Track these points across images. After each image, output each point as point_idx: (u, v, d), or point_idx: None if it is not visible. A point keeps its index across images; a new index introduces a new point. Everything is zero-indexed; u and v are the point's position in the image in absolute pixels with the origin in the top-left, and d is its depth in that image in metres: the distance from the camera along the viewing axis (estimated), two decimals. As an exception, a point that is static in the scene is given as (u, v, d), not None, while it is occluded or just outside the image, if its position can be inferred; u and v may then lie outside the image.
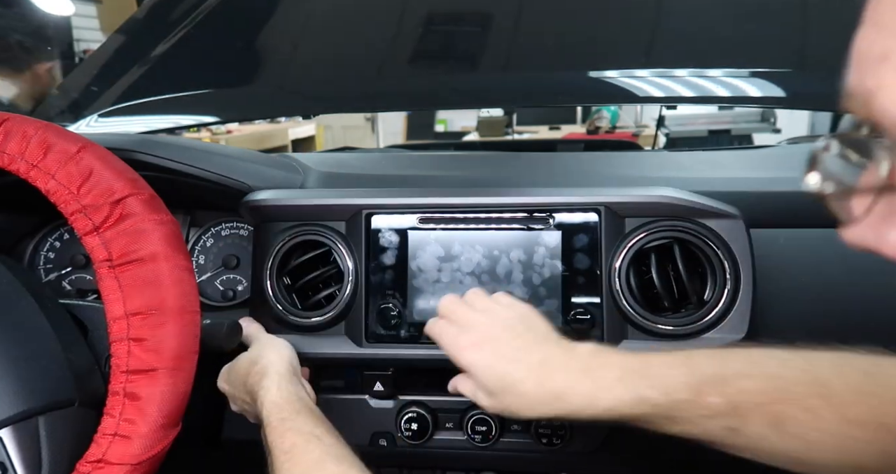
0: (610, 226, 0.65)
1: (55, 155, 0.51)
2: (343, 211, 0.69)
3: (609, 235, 0.65)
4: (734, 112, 2.71)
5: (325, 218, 0.70)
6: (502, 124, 3.61)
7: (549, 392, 0.48)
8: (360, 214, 0.68)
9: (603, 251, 0.65)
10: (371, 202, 0.68)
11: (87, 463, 0.46)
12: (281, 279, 0.70)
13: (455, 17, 1.10)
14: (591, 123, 3.75)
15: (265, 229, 0.71)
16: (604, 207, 0.65)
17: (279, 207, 0.70)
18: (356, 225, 0.68)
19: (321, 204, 0.69)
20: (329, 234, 0.69)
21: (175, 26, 1.07)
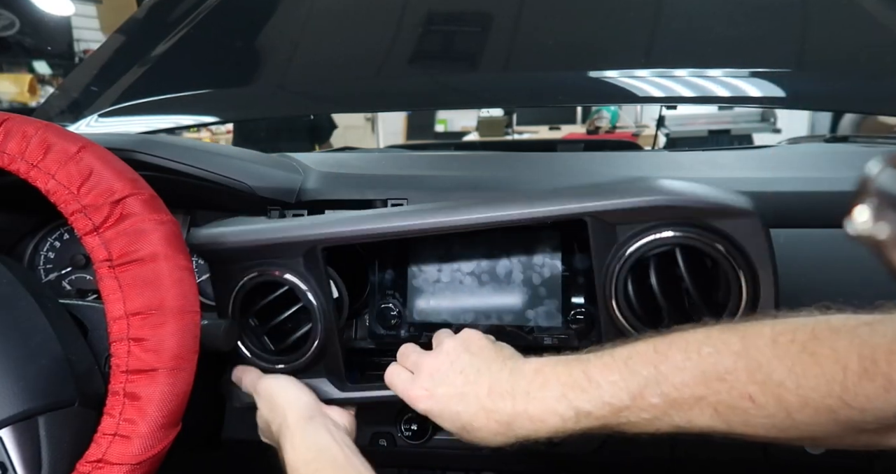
0: (599, 237, 0.58)
1: (55, 155, 0.51)
2: (296, 246, 0.62)
3: (599, 247, 0.58)
4: (734, 112, 2.71)
5: (279, 254, 0.62)
6: (502, 124, 3.62)
7: (499, 422, 0.49)
8: (316, 250, 0.61)
9: (594, 264, 0.59)
10: (325, 234, 0.61)
11: (87, 463, 0.46)
12: (246, 322, 0.64)
13: (455, 17, 1.10)
14: (591, 123, 3.75)
15: (219, 270, 0.65)
16: (590, 217, 0.57)
17: (227, 249, 0.63)
18: (314, 260, 0.62)
19: (271, 241, 0.62)
20: (286, 274, 0.62)
21: (175, 26, 1.07)
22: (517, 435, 0.49)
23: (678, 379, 0.43)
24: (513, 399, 0.49)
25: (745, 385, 0.41)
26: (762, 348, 0.41)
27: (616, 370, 0.46)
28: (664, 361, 0.44)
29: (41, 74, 3.33)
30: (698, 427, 0.44)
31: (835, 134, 1.65)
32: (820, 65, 0.94)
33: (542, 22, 1.03)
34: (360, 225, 0.60)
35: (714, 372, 0.42)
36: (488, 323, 0.68)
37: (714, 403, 0.42)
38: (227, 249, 0.63)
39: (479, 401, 0.50)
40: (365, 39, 1.07)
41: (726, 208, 0.55)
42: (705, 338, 0.45)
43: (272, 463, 0.80)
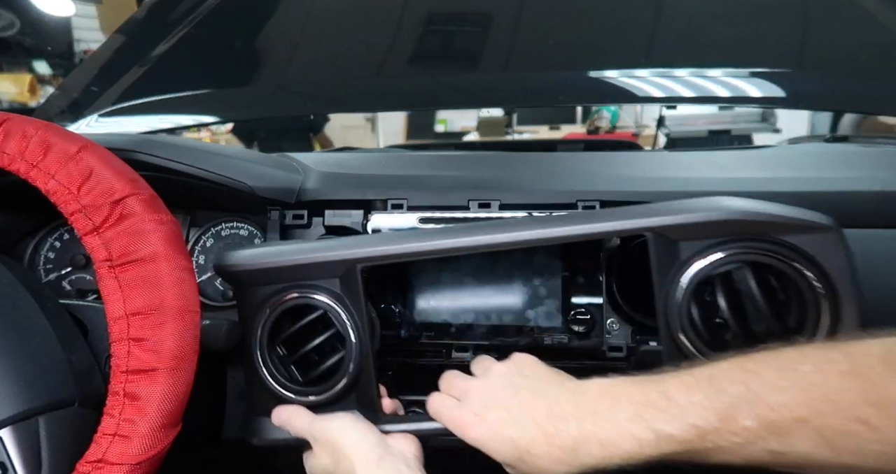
0: (661, 255, 0.53)
1: (55, 155, 0.51)
2: (333, 267, 0.58)
3: (661, 265, 0.53)
4: (734, 112, 2.71)
5: (313, 276, 0.59)
6: (502, 124, 3.62)
7: (562, 448, 0.44)
8: (355, 270, 0.57)
9: (655, 283, 0.53)
10: (366, 253, 0.58)
11: (87, 463, 0.46)
12: (274, 351, 0.60)
13: (455, 17, 1.10)
14: (591, 123, 3.75)
15: (247, 296, 0.62)
16: (651, 233, 0.53)
17: (258, 271, 0.60)
18: (352, 281, 0.58)
19: (306, 262, 0.59)
20: (322, 297, 0.59)
21: (175, 26, 1.07)
22: (584, 462, 0.44)
23: (774, 400, 0.39)
24: (577, 421, 0.44)
25: (857, 407, 0.37)
26: (874, 366, 0.37)
27: (699, 389, 0.41)
28: (755, 379, 0.40)
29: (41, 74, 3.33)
30: (799, 453, 0.39)
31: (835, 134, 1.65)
32: (820, 65, 0.94)
33: (542, 22, 1.03)
34: (406, 243, 0.57)
35: (818, 392, 0.38)
36: (488, 323, 0.68)
37: (818, 427, 0.38)
38: (261, 270, 0.59)
39: (537, 426, 0.45)
40: (365, 39, 1.07)
41: (803, 223, 0.51)
42: (800, 355, 0.40)
43: (272, 463, 0.80)
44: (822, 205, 0.67)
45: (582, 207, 0.70)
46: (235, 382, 0.78)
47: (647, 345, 0.68)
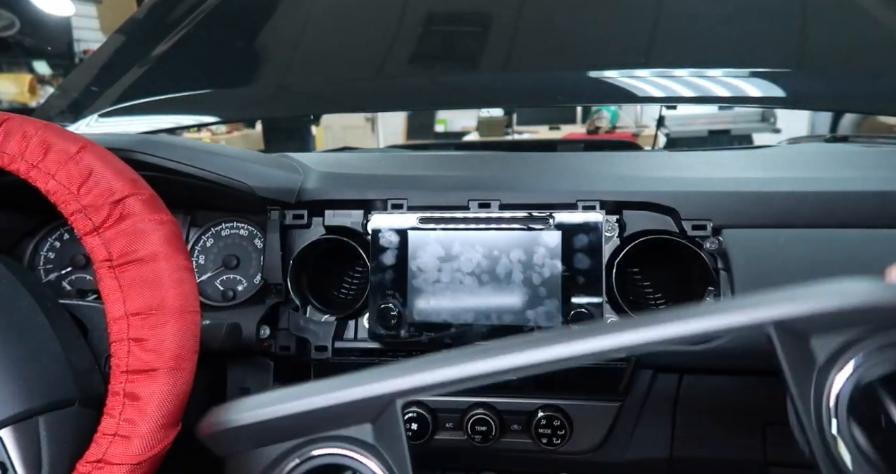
0: (793, 357, 0.42)
1: (55, 155, 0.51)
2: (364, 409, 0.44)
3: (796, 371, 0.42)
4: (734, 112, 2.71)
5: (334, 425, 0.45)
6: (502, 124, 3.61)
7: None
8: (394, 406, 0.44)
9: (794, 396, 0.42)
10: (408, 385, 0.43)
11: (87, 463, 0.46)
12: None
13: (455, 17, 1.10)
14: (591, 123, 3.75)
15: (245, 464, 0.46)
16: (776, 327, 0.42)
17: (257, 427, 0.44)
18: (390, 424, 0.44)
19: (326, 404, 0.43)
20: (351, 452, 0.44)
21: (175, 26, 1.07)
22: None
23: None
24: None
25: None
26: None
27: None
28: None
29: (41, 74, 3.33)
30: None
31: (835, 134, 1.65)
32: (820, 65, 0.94)
33: (542, 22, 1.03)
34: (460, 366, 0.43)
35: None
36: (488, 323, 0.68)
37: None
38: (261, 425, 0.44)
39: None
40: (365, 39, 1.07)
41: None
42: None
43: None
44: (822, 205, 0.68)
45: (582, 207, 0.70)
46: (235, 382, 0.78)
47: (647, 344, 0.68)
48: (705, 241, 0.69)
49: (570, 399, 0.71)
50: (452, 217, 0.69)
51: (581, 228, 0.68)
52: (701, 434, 0.73)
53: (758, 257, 0.66)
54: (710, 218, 0.69)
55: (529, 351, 0.43)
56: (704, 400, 0.71)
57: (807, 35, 0.94)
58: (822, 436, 0.40)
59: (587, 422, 0.72)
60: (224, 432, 0.44)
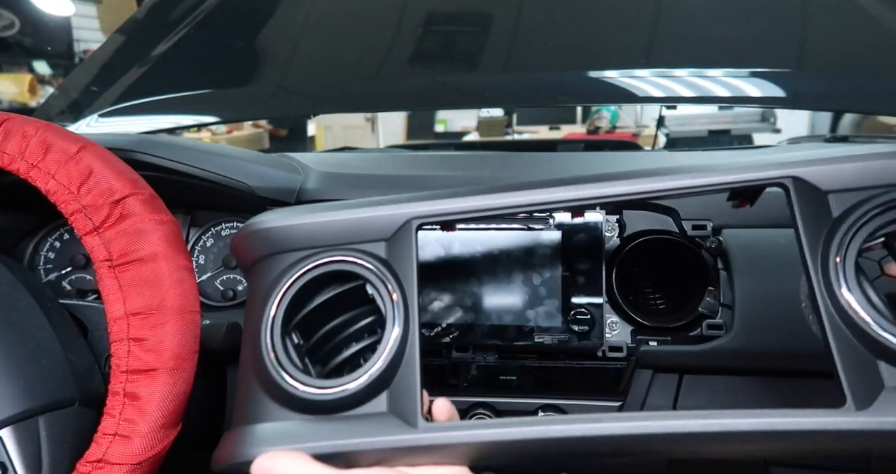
0: (808, 210, 0.44)
1: (55, 155, 0.51)
2: (382, 226, 0.47)
3: (809, 226, 0.43)
4: (734, 112, 2.71)
5: (354, 239, 0.48)
6: (502, 124, 3.61)
7: None
8: (410, 226, 0.47)
9: (805, 251, 0.43)
10: (424, 210, 0.47)
11: (87, 463, 0.46)
12: (287, 336, 0.46)
13: (455, 18, 1.10)
14: (591, 123, 3.75)
15: (266, 267, 0.49)
16: (791, 180, 0.44)
17: (287, 230, 0.48)
18: (403, 243, 0.47)
19: (350, 218, 0.48)
20: (364, 260, 0.47)
21: (175, 26, 1.07)
22: None
23: None
24: None
25: None
26: None
27: None
28: None
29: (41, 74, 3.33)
30: None
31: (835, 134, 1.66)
32: (820, 65, 0.94)
33: (542, 22, 1.03)
34: (475, 199, 0.47)
35: None
36: (488, 323, 0.68)
37: None
38: (291, 230, 0.48)
39: None
40: (365, 39, 1.07)
41: None
42: None
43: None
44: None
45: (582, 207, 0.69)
46: (235, 382, 0.78)
47: (647, 345, 0.68)
48: (705, 241, 0.69)
49: (570, 399, 0.71)
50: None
51: (581, 228, 0.68)
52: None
53: (758, 257, 0.66)
54: (709, 218, 0.69)
55: (549, 189, 0.47)
56: (704, 400, 0.71)
57: (807, 35, 0.94)
58: (831, 292, 0.41)
59: (587, 422, 0.72)
60: (252, 236, 0.49)
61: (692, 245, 0.70)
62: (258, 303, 0.47)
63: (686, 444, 0.41)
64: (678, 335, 0.69)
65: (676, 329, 0.69)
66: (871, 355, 0.40)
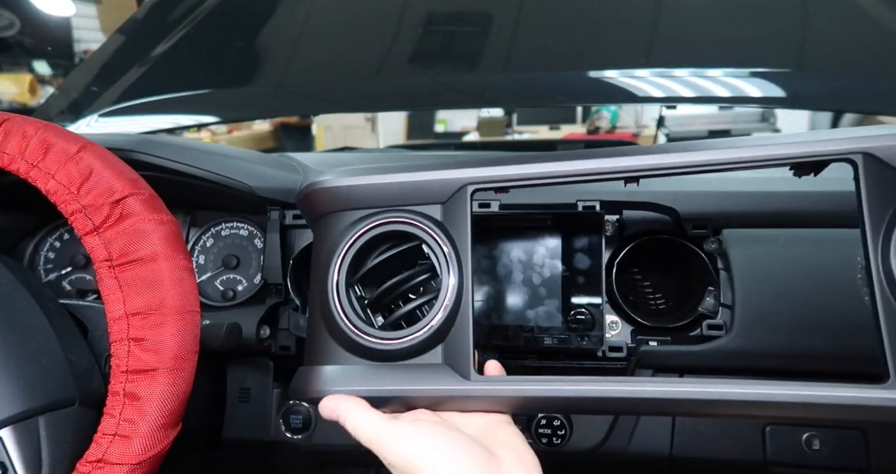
0: (876, 189, 0.43)
1: (55, 155, 0.51)
2: (438, 190, 0.50)
3: (875, 204, 0.42)
4: (734, 112, 2.71)
5: (411, 201, 0.51)
6: (502, 124, 3.61)
7: None
8: (465, 191, 0.50)
9: (869, 230, 0.42)
10: (480, 175, 0.49)
11: (87, 463, 0.46)
12: (351, 288, 0.52)
13: (455, 17, 1.10)
14: (591, 123, 3.75)
15: (331, 222, 0.53)
16: (862, 156, 0.43)
17: (349, 190, 0.52)
18: (458, 206, 0.50)
19: (408, 181, 0.51)
20: (421, 223, 0.50)
21: (175, 26, 1.07)
22: None
23: None
24: None
25: None
26: None
27: None
28: None
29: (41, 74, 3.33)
30: None
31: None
32: (820, 65, 0.94)
33: (542, 22, 1.03)
34: (532, 165, 0.48)
35: None
36: (488, 323, 0.68)
37: None
38: (353, 190, 0.51)
39: None
40: (365, 40, 1.07)
41: None
42: None
43: (272, 463, 0.80)
44: (823, 205, 0.68)
45: (582, 207, 0.70)
46: (235, 382, 0.78)
47: (647, 345, 0.68)
48: (705, 241, 0.69)
49: (570, 399, 0.71)
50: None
51: (581, 228, 0.68)
52: (701, 434, 0.73)
53: (758, 257, 0.66)
54: (709, 218, 0.69)
55: (604, 159, 0.47)
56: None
57: (807, 35, 0.94)
58: (888, 268, 0.41)
59: (587, 422, 0.73)
60: (319, 193, 0.52)
61: (692, 245, 0.70)
62: (324, 256, 0.52)
63: (733, 408, 0.44)
64: (678, 335, 0.69)
65: (676, 329, 0.69)
66: None
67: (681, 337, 0.69)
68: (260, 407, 0.77)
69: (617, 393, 0.45)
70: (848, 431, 0.69)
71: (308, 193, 0.53)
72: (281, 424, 0.77)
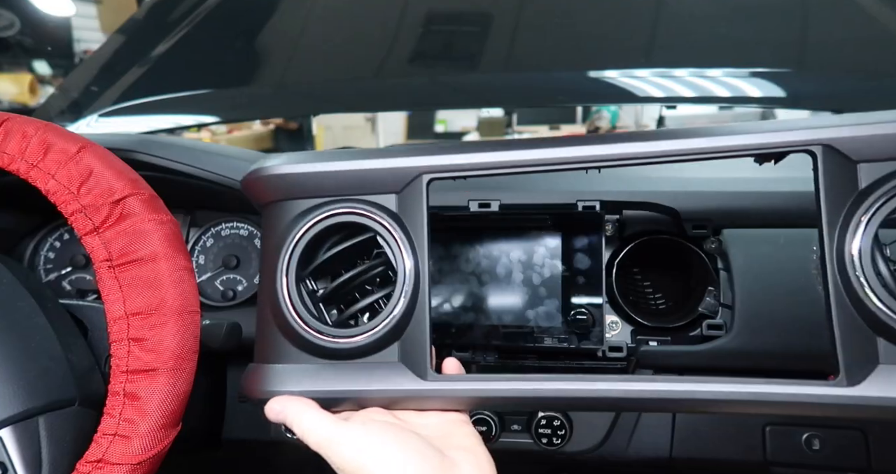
0: (833, 180, 0.42)
1: (55, 155, 0.51)
2: (392, 179, 0.47)
3: (833, 196, 0.42)
4: (734, 112, 2.71)
5: (365, 190, 0.48)
6: (502, 124, 3.61)
7: None
8: (420, 180, 0.47)
9: (825, 222, 0.42)
10: (435, 162, 0.47)
11: (87, 463, 0.46)
12: (302, 282, 0.49)
13: (455, 17, 1.10)
14: (591, 123, 3.75)
15: (278, 212, 0.50)
16: (822, 148, 0.42)
17: (298, 177, 0.49)
18: (414, 196, 0.47)
19: (360, 169, 0.48)
20: (374, 214, 0.48)
21: (175, 26, 1.07)
22: None
23: None
24: None
25: None
26: None
27: None
28: None
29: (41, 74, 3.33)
30: None
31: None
32: (820, 65, 0.94)
33: (542, 22, 1.03)
34: (488, 153, 0.47)
35: None
36: (488, 323, 0.68)
37: None
38: (302, 177, 0.48)
39: None
40: (365, 39, 1.07)
41: None
42: None
43: (272, 462, 0.80)
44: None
45: (582, 207, 0.70)
46: (235, 382, 0.78)
47: (647, 345, 0.68)
48: (705, 241, 0.69)
49: (570, 399, 0.71)
50: (452, 217, 0.69)
51: (581, 228, 0.68)
52: (701, 434, 0.73)
53: (758, 257, 0.66)
54: (710, 218, 0.69)
55: (568, 147, 0.46)
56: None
57: (807, 35, 0.94)
58: (839, 266, 0.41)
59: (587, 422, 0.72)
60: (265, 180, 0.49)
61: (692, 245, 0.70)
62: (272, 248, 0.49)
63: (694, 406, 0.45)
64: (678, 335, 0.69)
65: (676, 329, 0.69)
66: (870, 330, 0.41)
67: (681, 337, 0.69)
68: (260, 408, 0.77)
69: (570, 392, 0.44)
70: (848, 431, 0.69)
71: (254, 179, 0.50)
72: (281, 424, 0.77)
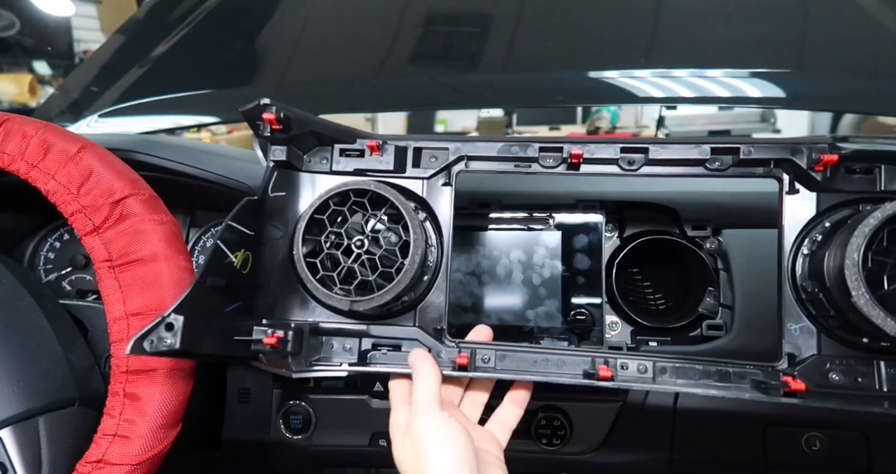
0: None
1: (55, 155, 0.51)
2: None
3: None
4: (734, 112, 2.71)
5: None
6: (502, 124, 3.61)
7: None
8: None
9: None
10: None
11: (87, 464, 0.46)
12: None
13: (455, 17, 1.10)
14: (591, 123, 3.75)
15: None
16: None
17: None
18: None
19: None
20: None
21: (175, 26, 1.07)
22: None
23: None
24: None
25: None
26: None
27: None
28: None
29: (41, 74, 3.33)
30: None
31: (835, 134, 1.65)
32: (820, 65, 0.94)
33: (543, 22, 1.02)
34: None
35: None
36: (488, 323, 0.68)
37: None
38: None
39: None
40: (365, 39, 1.07)
41: None
42: None
43: (272, 463, 0.80)
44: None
45: (582, 207, 0.70)
46: (235, 383, 0.78)
47: (646, 345, 0.68)
48: (705, 242, 0.69)
49: (571, 400, 0.71)
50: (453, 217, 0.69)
51: (581, 228, 0.68)
52: (701, 435, 0.73)
53: (758, 257, 0.66)
54: (709, 218, 0.69)
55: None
56: (705, 401, 0.71)
57: (807, 35, 0.94)
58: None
59: (587, 423, 0.72)
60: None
61: (692, 245, 0.70)
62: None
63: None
64: (678, 335, 0.69)
65: (676, 329, 0.69)
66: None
67: (681, 337, 0.69)
68: (260, 408, 0.77)
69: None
70: (848, 432, 0.69)
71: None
72: (281, 424, 0.77)
